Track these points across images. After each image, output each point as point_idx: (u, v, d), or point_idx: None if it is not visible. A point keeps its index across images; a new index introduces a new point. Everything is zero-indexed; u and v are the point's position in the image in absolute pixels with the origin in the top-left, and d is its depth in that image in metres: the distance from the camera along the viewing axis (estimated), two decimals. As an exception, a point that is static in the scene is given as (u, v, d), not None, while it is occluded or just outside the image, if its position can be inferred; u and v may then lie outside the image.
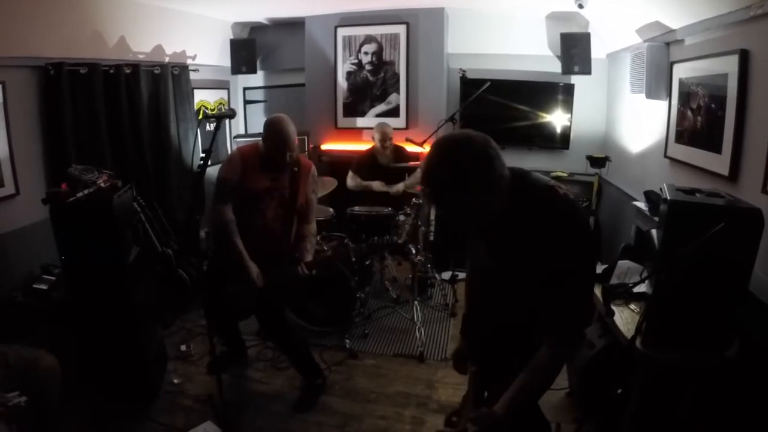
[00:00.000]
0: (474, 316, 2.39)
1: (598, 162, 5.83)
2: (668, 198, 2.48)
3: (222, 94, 7.21)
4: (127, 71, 5.03)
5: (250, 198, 3.57)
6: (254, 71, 7.16)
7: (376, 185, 5.57)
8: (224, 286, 3.59)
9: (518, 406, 1.86)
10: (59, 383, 2.80)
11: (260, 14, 6.84)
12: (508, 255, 1.93)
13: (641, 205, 4.35)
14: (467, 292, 2.50)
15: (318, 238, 4.38)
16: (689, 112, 3.82)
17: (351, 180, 5.69)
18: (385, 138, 5.63)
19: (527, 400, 1.92)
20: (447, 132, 5.39)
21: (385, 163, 5.66)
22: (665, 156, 4.24)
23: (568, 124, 6.36)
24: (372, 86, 6.73)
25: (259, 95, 7.77)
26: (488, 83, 5.16)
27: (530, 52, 6.43)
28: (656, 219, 3.60)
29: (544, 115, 6.37)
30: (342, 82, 6.80)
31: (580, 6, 5.07)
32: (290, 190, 3.65)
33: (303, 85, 7.07)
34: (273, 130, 3.50)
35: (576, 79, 6.24)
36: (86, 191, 3.36)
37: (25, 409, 2.44)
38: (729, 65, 3.22)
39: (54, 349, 2.89)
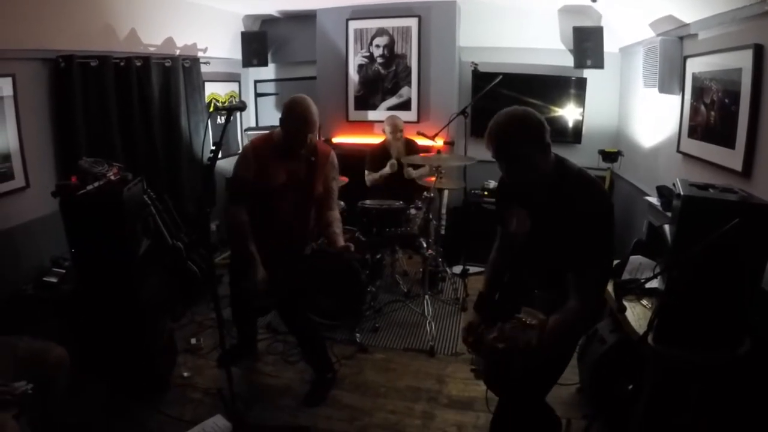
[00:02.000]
0: (501, 285, 2.69)
1: (610, 156, 5.80)
2: (681, 193, 2.46)
3: (233, 86, 7.22)
4: (138, 64, 5.04)
5: (267, 192, 3.48)
6: (265, 64, 7.15)
7: (386, 169, 5.55)
8: (243, 283, 3.58)
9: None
10: (68, 375, 2.81)
11: (272, 7, 6.82)
12: (547, 218, 2.28)
13: (653, 200, 4.31)
14: (491, 268, 2.75)
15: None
16: (702, 107, 3.79)
17: (368, 176, 5.71)
18: (396, 129, 5.64)
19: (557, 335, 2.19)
20: (458, 126, 5.47)
21: (396, 154, 5.65)
22: (678, 151, 4.21)
23: (580, 118, 6.34)
24: (383, 79, 6.69)
25: (270, 88, 7.76)
26: (500, 77, 5.15)
27: (542, 45, 6.39)
28: (668, 214, 3.58)
29: (556, 109, 6.35)
30: (353, 75, 6.77)
31: (593, 0, 5.03)
32: (307, 181, 3.56)
33: (314, 78, 7.05)
34: (295, 111, 3.38)
35: (588, 73, 6.21)
36: (96, 184, 3.36)
37: (32, 397, 2.45)
38: (743, 60, 3.19)
39: (63, 341, 2.89)
